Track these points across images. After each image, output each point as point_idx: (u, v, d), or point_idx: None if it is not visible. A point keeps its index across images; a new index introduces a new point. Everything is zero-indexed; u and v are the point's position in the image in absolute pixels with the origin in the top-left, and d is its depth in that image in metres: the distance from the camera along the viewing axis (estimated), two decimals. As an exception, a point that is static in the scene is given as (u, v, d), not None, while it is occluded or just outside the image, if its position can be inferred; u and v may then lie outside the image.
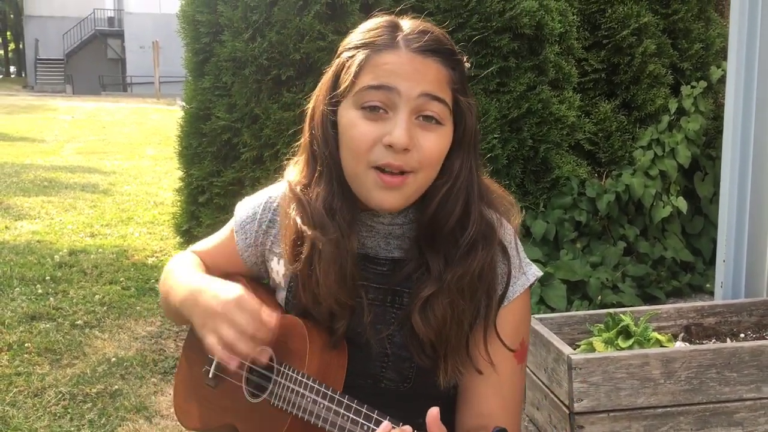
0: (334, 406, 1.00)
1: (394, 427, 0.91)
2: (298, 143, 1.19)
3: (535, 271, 1.14)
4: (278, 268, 1.19)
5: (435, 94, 1.02)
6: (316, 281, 1.07)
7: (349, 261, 1.06)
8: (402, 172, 1.01)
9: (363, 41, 1.06)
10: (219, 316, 1.03)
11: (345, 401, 0.99)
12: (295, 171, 1.16)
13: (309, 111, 1.13)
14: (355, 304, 1.08)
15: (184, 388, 1.28)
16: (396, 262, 1.11)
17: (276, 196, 1.20)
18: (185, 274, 1.20)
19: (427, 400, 1.10)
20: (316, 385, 1.02)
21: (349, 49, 1.08)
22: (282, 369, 1.08)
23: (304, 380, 1.04)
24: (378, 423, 0.94)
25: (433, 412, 0.88)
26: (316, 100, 1.11)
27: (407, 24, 1.09)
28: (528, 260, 1.15)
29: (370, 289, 1.10)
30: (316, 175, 1.10)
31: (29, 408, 2.92)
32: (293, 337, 1.09)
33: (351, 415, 0.98)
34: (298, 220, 1.09)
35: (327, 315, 1.08)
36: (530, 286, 1.14)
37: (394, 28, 1.07)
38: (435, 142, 1.02)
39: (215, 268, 1.27)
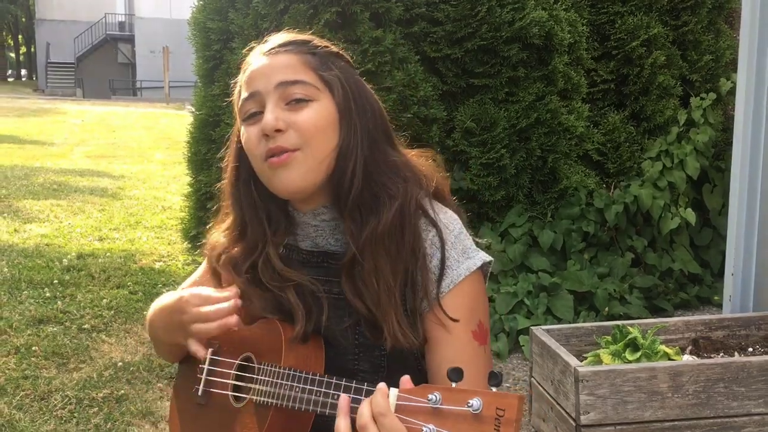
0: (308, 386, 1.03)
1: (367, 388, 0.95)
2: None
3: (483, 256, 1.15)
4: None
5: (291, 79, 1.10)
6: (258, 299, 1.15)
7: (267, 270, 1.14)
8: (285, 154, 1.08)
9: (242, 69, 1.17)
10: (178, 312, 1.14)
11: (317, 378, 1.03)
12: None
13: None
14: (308, 303, 1.13)
15: (179, 420, 1.30)
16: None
17: None
18: (156, 306, 1.28)
19: None
20: (292, 372, 1.06)
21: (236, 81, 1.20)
22: (262, 367, 1.11)
23: (282, 371, 1.07)
24: (348, 389, 0.98)
25: (405, 377, 0.92)
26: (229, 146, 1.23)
27: (273, 35, 1.19)
28: (475, 246, 1.16)
29: (333, 283, 1.14)
30: (228, 210, 1.22)
31: (35, 411, 2.92)
32: (269, 335, 1.13)
33: (323, 389, 1.01)
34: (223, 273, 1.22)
35: (289, 319, 1.13)
36: (482, 269, 1.14)
37: (258, 45, 1.18)
38: (308, 115, 1.09)
39: None
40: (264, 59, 1.13)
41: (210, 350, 1.24)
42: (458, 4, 3.81)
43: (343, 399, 0.95)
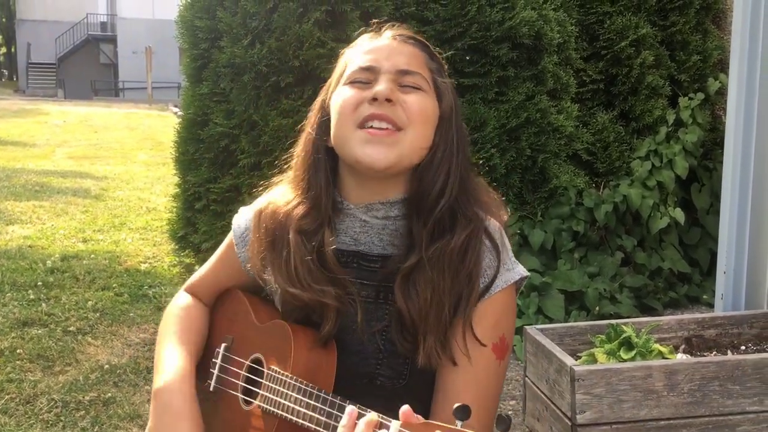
0: (312, 402, 1.01)
1: (361, 413, 0.91)
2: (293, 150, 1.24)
3: (521, 270, 1.14)
4: (269, 277, 1.20)
5: (412, 69, 1.12)
6: (290, 278, 1.11)
7: (312, 261, 1.10)
8: (389, 128, 1.06)
9: (353, 45, 1.19)
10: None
11: (322, 395, 1.00)
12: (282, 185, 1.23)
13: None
14: (344, 303, 1.09)
15: None
16: (387, 258, 1.12)
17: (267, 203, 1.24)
18: (164, 354, 1.23)
19: (422, 398, 1.08)
20: (298, 384, 1.03)
21: (344, 53, 1.19)
22: (270, 373, 1.08)
23: (289, 381, 1.04)
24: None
25: (405, 409, 0.88)
26: (313, 109, 1.20)
27: (393, 28, 1.21)
28: (515, 260, 1.16)
29: (364, 286, 1.12)
30: (293, 179, 1.18)
31: (21, 415, 2.87)
32: (279, 339, 1.10)
33: (327, 408, 0.99)
34: (264, 229, 1.17)
35: (316, 315, 1.10)
36: (516, 283, 1.14)
37: (380, 28, 1.20)
38: (418, 99, 1.09)
39: (215, 290, 1.30)
40: (389, 41, 1.15)
41: (224, 345, 1.22)
42: (448, 3, 3.80)
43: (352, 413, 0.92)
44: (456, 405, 0.84)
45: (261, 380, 1.10)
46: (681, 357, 2.43)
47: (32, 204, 6.94)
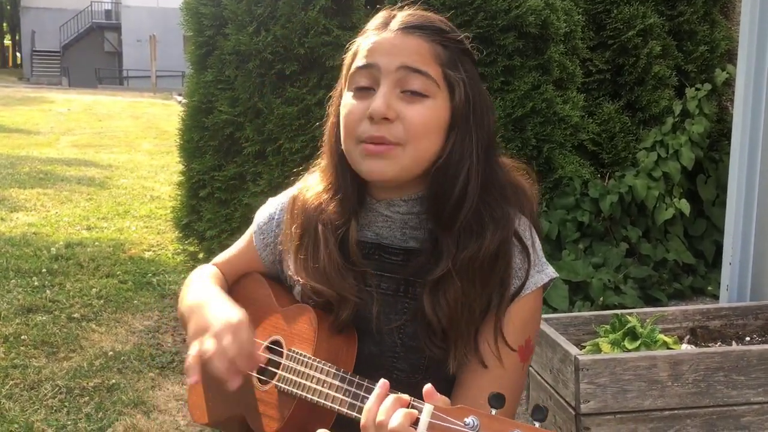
0: (338, 383, 1.00)
1: (394, 391, 0.91)
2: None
3: (551, 272, 1.12)
4: (291, 265, 1.20)
5: (415, 67, 1.03)
6: (312, 270, 1.11)
7: (339, 248, 1.10)
8: (386, 144, 1.03)
9: (363, 32, 1.11)
10: (211, 333, 1.07)
11: (348, 377, 1.00)
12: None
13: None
14: (362, 294, 1.09)
15: (203, 391, 1.27)
16: (410, 252, 1.11)
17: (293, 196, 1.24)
18: (199, 286, 1.24)
19: (439, 392, 1.09)
20: (323, 366, 1.03)
21: (354, 42, 1.13)
22: (291, 354, 1.08)
23: (313, 362, 1.04)
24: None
25: (428, 387, 0.88)
26: (334, 96, 1.15)
27: (405, 11, 1.11)
28: (545, 261, 1.13)
29: (384, 278, 1.10)
30: (323, 168, 1.16)
31: (25, 401, 2.88)
32: (302, 323, 1.10)
33: (353, 390, 0.99)
34: (295, 217, 1.17)
35: (334, 303, 1.09)
36: (544, 285, 1.12)
37: (390, 15, 1.10)
38: (419, 112, 1.03)
39: (235, 273, 1.30)
40: (393, 34, 1.05)
41: None
42: (454, -9, 3.77)
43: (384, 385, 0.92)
44: (491, 393, 0.84)
45: (279, 361, 1.10)
46: (686, 347, 2.42)
47: (36, 191, 6.96)
